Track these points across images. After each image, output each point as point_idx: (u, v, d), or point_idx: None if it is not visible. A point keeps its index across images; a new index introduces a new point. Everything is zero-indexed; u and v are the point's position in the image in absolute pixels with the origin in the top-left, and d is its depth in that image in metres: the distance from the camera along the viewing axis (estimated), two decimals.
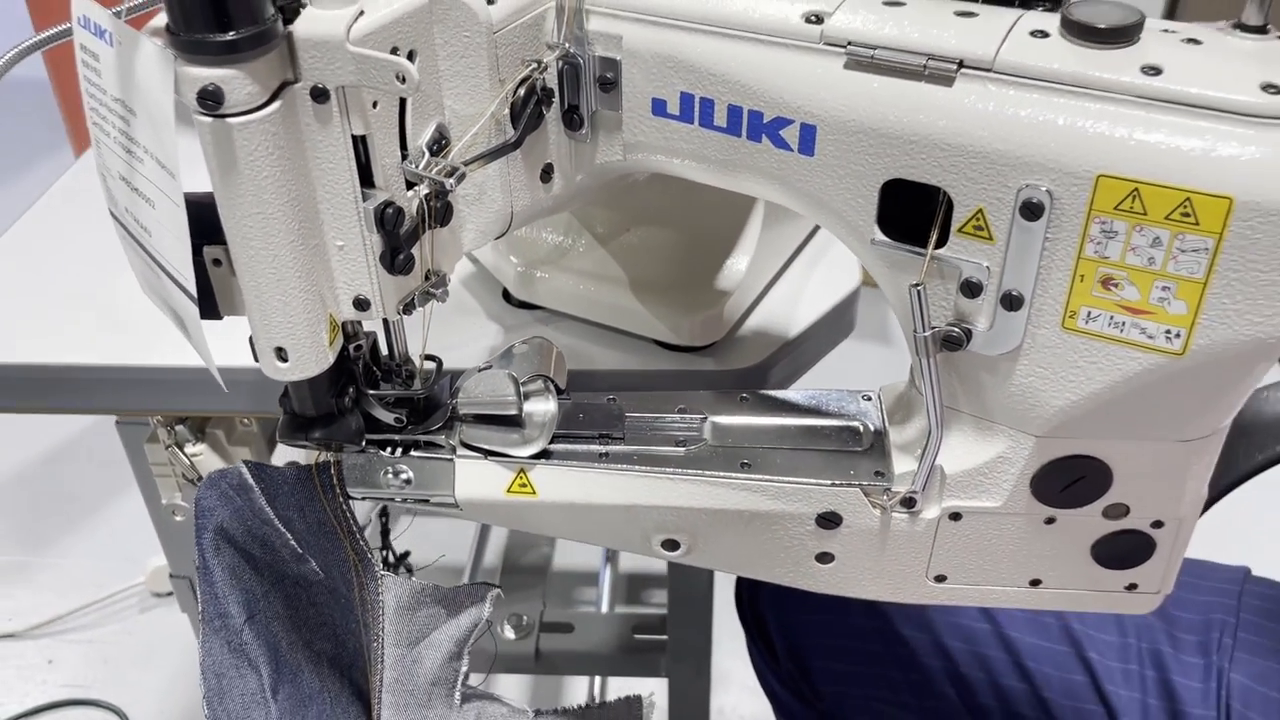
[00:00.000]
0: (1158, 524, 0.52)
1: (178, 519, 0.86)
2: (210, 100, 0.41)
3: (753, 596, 0.89)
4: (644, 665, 1.15)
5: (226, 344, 0.51)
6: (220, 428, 0.82)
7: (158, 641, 1.60)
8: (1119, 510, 0.51)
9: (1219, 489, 0.94)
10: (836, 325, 0.80)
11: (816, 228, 0.85)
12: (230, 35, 0.40)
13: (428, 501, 0.56)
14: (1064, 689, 0.78)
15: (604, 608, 1.42)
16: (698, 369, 0.72)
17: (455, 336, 0.75)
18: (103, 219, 0.87)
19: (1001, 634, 0.80)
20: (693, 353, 0.73)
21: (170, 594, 1.65)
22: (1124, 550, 0.53)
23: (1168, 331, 0.43)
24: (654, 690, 0.68)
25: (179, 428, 0.80)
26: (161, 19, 0.43)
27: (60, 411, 0.77)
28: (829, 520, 0.53)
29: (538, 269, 0.75)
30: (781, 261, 0.81)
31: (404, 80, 0.42)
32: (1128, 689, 0.77)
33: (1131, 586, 0.55)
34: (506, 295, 0.78)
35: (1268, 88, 0.40)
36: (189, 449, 0.80)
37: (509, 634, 1.16)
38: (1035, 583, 0.55)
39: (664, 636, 1.13)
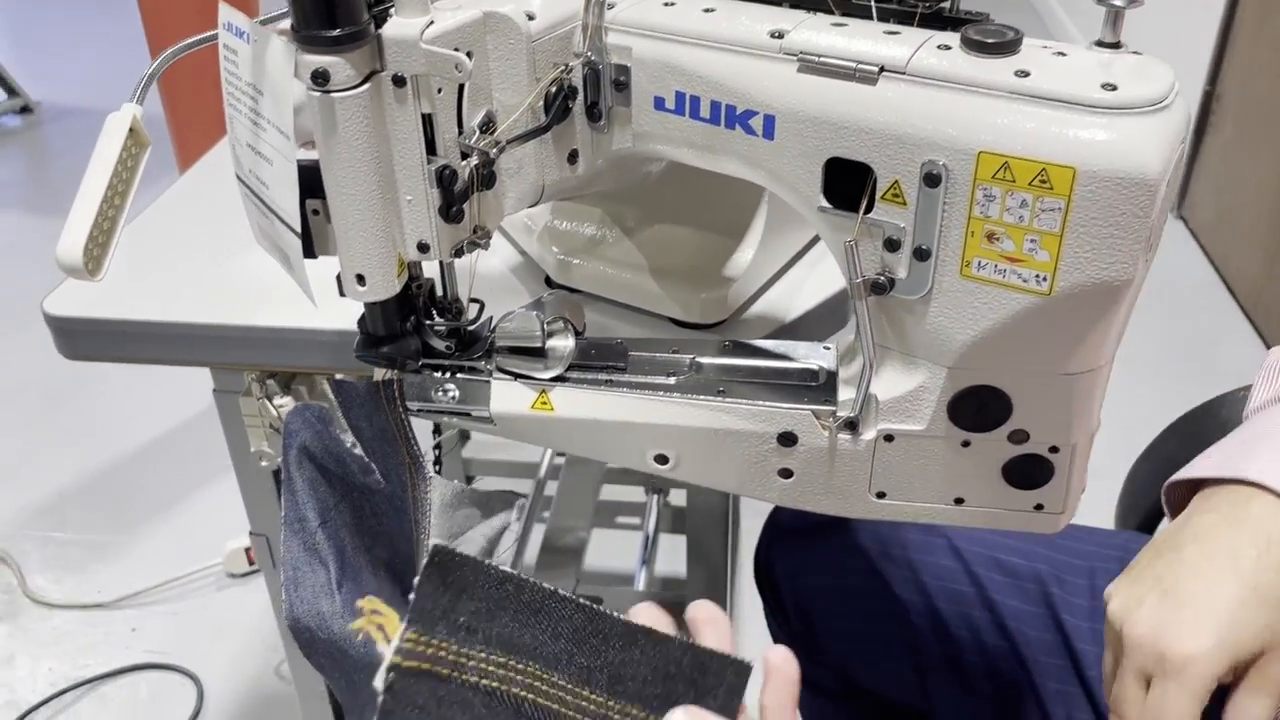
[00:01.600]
0: (1054, 449, 0.63)
1: (263, 464, 1.00)
2: (320, 79, 0.55)
3: (769, 566, 1.01)
4: None
5: (314, 311, 0.67)
6: (304, 384, 0.96)
7: (230, 617, 1.75)
8: (1021, 435, 0.63)
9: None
10: (830, 317, 0.92)
11: (817, 236, 0.98)
12: (337, 32, 0.54)
13: (469, 415, 0.69)
14: (1041, 647, 0.88)
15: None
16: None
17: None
18: (207, 216, 1.04)
19: (986, 597, 0.91)
20: (702, 329, 0.85)
21: (245, 574, 1.80)
22: (1029, 472, 0.64)
23: (1038, 276, 0.55)
24: None
25: (269, 381, 0.94)
26: (285, 23, 0.58)
27: (176, 363, 0.92)
28: (787, 439, 0.65)
29: (575, 257, 0.88)
30: (784, 260, 0.93)
31: (460, 69, 0.57)
32: (1094, 646, 0.87)
33: (1039, 507, 0.66)
34: (548, 281, 0.92)
35: (1106, 86, 0.52)
36: (276, 400, 0.95)
37: None
38: (959, 501, 0.66)
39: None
